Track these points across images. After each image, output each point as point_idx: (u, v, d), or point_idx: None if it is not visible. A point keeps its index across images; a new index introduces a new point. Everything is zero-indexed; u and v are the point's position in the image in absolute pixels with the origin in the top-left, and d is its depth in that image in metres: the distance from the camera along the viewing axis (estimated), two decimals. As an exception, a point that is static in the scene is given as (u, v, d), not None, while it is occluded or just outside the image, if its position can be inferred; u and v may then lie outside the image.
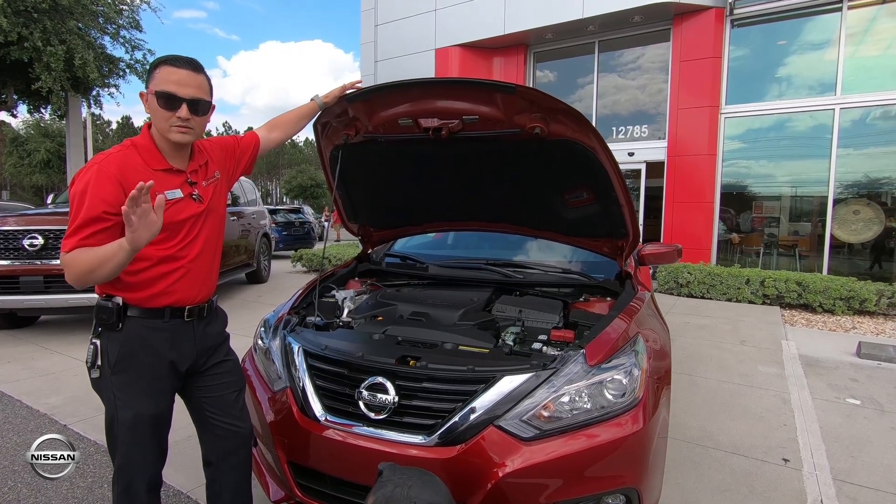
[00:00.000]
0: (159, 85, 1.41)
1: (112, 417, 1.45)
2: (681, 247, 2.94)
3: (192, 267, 1.52)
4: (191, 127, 1.46)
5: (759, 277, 6.89)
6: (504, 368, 1.63)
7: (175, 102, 1.41)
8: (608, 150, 1.91)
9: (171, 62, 1.43)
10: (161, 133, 1.46)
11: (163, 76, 1.41)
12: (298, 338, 1.95)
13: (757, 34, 8.46)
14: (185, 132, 1.45)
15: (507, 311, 2.19)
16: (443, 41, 10.50)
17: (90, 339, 1.46)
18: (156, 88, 1.41)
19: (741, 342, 4.91)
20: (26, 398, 3.33)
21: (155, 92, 1.41)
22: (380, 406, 1.62)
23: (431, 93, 1.92)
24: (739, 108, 8.46)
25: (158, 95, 1.40)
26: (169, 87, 1.40)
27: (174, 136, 1.45)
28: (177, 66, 1.42)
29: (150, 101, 1.43)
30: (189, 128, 1.45)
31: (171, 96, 1.40)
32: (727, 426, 2.99)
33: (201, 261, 1.55)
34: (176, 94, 1.41)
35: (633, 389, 1.65)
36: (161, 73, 1.42)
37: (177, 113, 1.41)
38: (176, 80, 1.41)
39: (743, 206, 8.91)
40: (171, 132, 1.44)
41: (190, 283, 1.52)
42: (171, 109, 1.41)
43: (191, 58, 1.47)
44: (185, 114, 1.42)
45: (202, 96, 1.47)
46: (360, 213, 2.71)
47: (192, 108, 1.44)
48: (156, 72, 1.43)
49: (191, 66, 1.45)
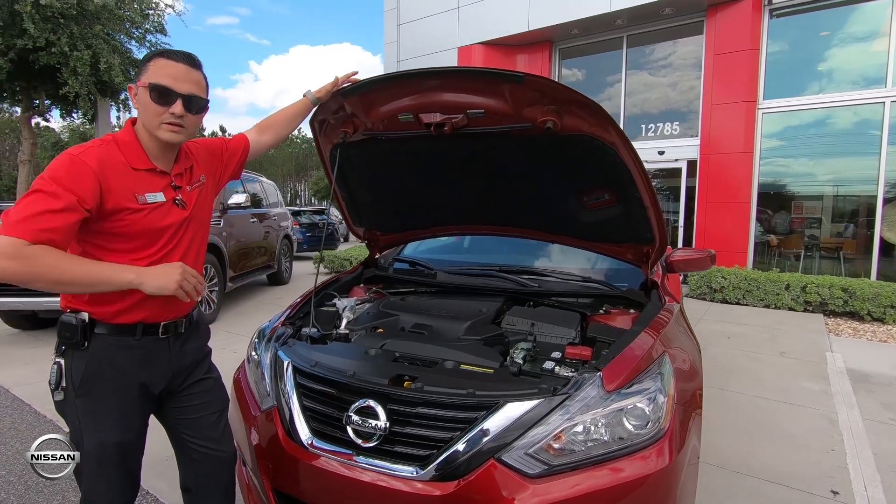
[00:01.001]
0: (153, 77, 1.28)
1: (76, 445, 1.32)
2: (714, 252, 2.68)
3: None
4: (183, 125, 1.33)
5: (800, 282, 6.47)
6: (508, 393, 1.44)
7: (169, 97, 1.28)
8: (631, 146, 1.70)
9: (168, 55, 1.31)
10: (149, 130, 1.33)
11: (157, 68, 1.29)
12: (290, 352, 1.80)
13: (797, 25, 7.98)
14: (177, 131, 1.33)
15: (517, 325, 2.00)
16: (465, 39, 10.33)
17: (54, 358, 1.34)
18: (149, 81, 1.28)
19: (780, 353, 4.56)
20: (36, 403, 3.31)
21: (148, 84, 1.28)
22: (369, 433, 1.46)
23: (431, 85, 1.75)
24: (778, 103, 7.99)
25: (152, 88, 1.27)
26: (163, 81, 1.28)
27: (164, 135, 1.31)
28: (173, 60, 1.30)
29: (141, 95, 1.30)
30: (181, 126, 1.33)
31: (166, 90, 1.28)
32: (765, 450, 2.72)
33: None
34: (171, 87, 1.28)
35: (658, 419, 1.44)
36: (155, 66, 1.29)
37: (170, 108, 1.29)
38: (172, 74, 1.29)
39: (781, 207, 8.42)
40: (162, 129, 1.31)
41: (165, 296, 1.38)
42: (165, 104, 1.29)
43: (188, 52, 1.35)
44: (180, 110, 1.30)
45: (198, 93, 1.34)
46: (365, 216, 2.56)
47: (186, 105, 1.31)
48: (149, 64, 1.31)
49: (188, 60, 1.33)
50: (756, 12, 7.81)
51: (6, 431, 2.93)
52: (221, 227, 5.99)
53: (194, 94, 1.33)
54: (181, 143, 1.40)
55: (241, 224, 6.66)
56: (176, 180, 1.41)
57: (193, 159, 1.50)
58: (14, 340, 4.91)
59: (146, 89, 1.28)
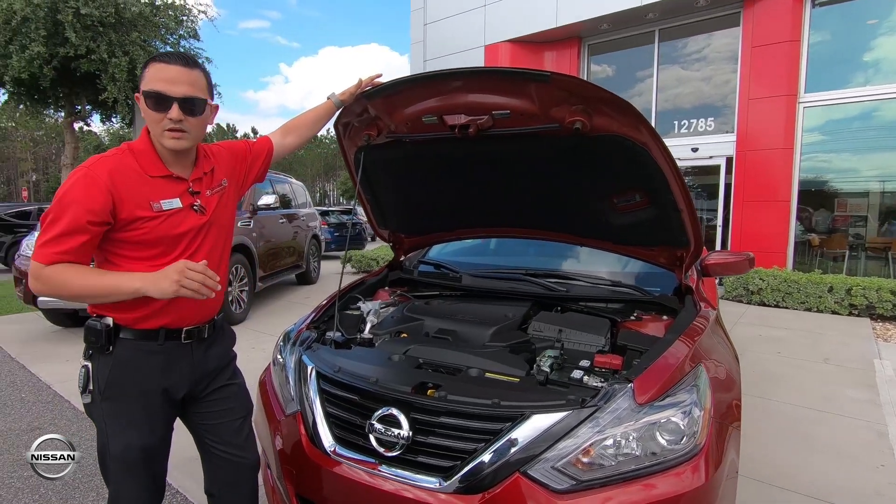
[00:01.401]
0: (148, 84, 1.26)
1: (103, 446, 1.34)
2: (752, 255, 2.55)
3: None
4: (185, 130, 1.29)
5: (844, 285, 6.16)
6: (535, 404, 1.39)
7: (165, 102, 1.25)
8: (664, 146, 1.62)
9: (161, 58, 1.29)
10: (155, 138, 1.32)
11: (152, 74, 1.26)
12: (313, 356, 1.79)
13: (842, 13, 7.59)
14: (179, 136, 1.30)
15: (544, 331, 1.94)
16: (492, 37, 10.24)
17: (81, 362, 1.36)
18: (144, 88, 1.26)
19: (824, 360, 4.35)
20: (75, 399, 3.43)
21: (144, 92, 1.26)
22: (392, 441, 1.43)
23: (455, 86, 1.71)
24: (821, 97, 7.62)
25: (146, 96, 1.26)
26: (158, 86, 1.25)
27: (168, 142, 1.30)
28: (167, 62, 1.27)
29: (141, 105, 1.29)
30: (182, 131, 1.29)
31: (161, 96, 1.25)
32: (808, 463, 2.58)
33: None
34: (165, 92, 1.25)
35: (694, 433, 1.37)
36: (150, 72, 1.27)
37: (167, 114, 1.26)
38: (166, 78, 1.25)
39: (824, 205, 8.05)
40: (164, 137, 1.29)
41: (188, 302, 1.37)
42: (162, 111, 1.26)
43: (184, 52, 1.34)
44: (177, 114, 1.26)
45: (196, 94, 1.30)
46: (390, 218, 2.54)
47: (184, 108, 1.27)
48: (145, 71, 1.29)
49: (182, 60, 1.29)
50: (797, 2, 7.47)
51: (46, 427, 3.04)
52: (252, 227, 6.10)
53: (192, 96, 1.28)
54: (187, 148, 1.35)
55: (271, 224, 6.77)
56: (194, 185, 1.40)
57: (214, 162, 1.49)
58: (57, 338, 5.11)
59: (143, 97, 1.27)
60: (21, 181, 50.12)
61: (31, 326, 5.55)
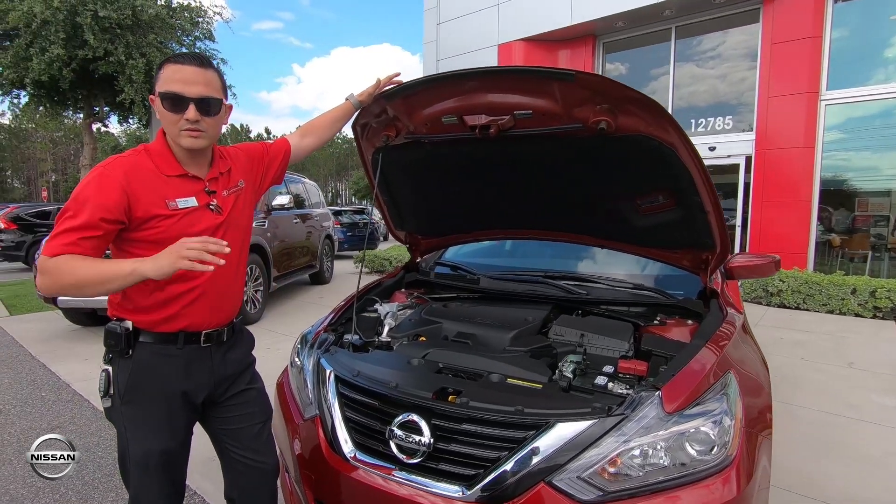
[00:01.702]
0: (164, 85, 1.27)
1: (123, 451, 1.34)
2: (779, 258, 2.48)
3: (208, 287, 1.37)
4: (202, 130, 1.30)
5: (868, 287, 6.01)
6: (559, 412, 1.36)
7: (181, 103, 1.26)
8: (692, 146, 1.57)
9: (176, 59, 1.29)
10: (172, 138, 1.33)
11: (167, 75, 1.27)
12: (332, 360, 1.77)
13: (865, 8, 7.40)
14: (197, 136, 1.30)
15: (565, 335, 1.90)
16: (505, 36, 10.17)
17: (101, 366, 1.36)
18: (160, 90, 1.27)
19: (849, 364, 4.24)
20: (94, 398, 3.46)
21: (159, 93, 1.27)
22: (413, 448, 1.41)
23: (476, 85, 1.67)
24: (844, 94, 7.44)
25: (163, 97, 1.26)
26: (174, 87, 1.26)
27: (185, 142, 1.30)
28: (182, 63, 1.27)
29: (157, 106, 1.30)
30: (200, 130, 1.30)
31: (177, 97, 1.26)
32: (837, 473, 2.50)
33: (220, 280, 1.40)
34: (181, 93, 1.26)
35: (725, 444, 1.32)
36: (165, 73, 1.28)
37: (184, 115, 1.26)
38: (181, 79, 1.26)
39: (845, 205, 7.87)
40: (181, 137, 1.30)
41: (206, 305, 1.38)
42: (178, 111, 1.27)
43: (198, 53, 1.33)
44: (194, 115, 1.27)
45: (212, 94, 1.30)
46: (407, 220, 2.51)
47: (201, 109, 1.28)
48: (161, 72, 1.29)
49: (197, 61, 1.30)
50: (819, -3, 7.31)
51: (65, 426, 3.06)
52: (266, 227, 6.13)
53: (208, 96, 1.29)
54: (204, 147, 1.36)
55: (285, 225, 6.80)
56: (210, 185, 1.39)
57: (231, 163, 1.48)
58: (76, 336, 5.18)
59: (159, 99, 1.27)
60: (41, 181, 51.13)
61: (51, 325, 5.63)
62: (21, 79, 8.14)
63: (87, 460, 2.63)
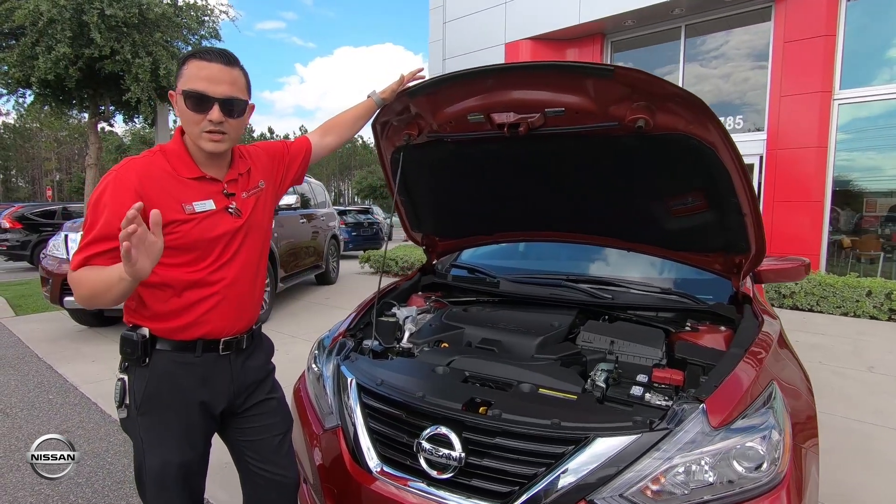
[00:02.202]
0: (187, 83, 1.20)
1: (139, 463, 1.28)
2: (808, 261, 2.41)
3: (228, 293, 1.31)
4: (224, 132, 1.24)
5: (884, 289, 5.92)
6: (600, 426, 1.28)
7: (206, 103, 1.19)
8: (733, 145, 1.50)
9: (200, 55, 1.21)
10: (192, 139, 1.26)
11: (191, 72, 1.20)
12: (353, 368, 1.71)
13: (880, 6, 7.30)
14: (218, 139, 1.24)
15: (594, 342, 1.83)
16: (512, 35, 10.09)
17: (117, 375, 1.29)
18: (183, 87, 1.20)
19: (868, 368, 4.15)
20: (102, 401, 3.40)
21: (183, 91, 1.20)
22: (444, 463, 1.34)
23: (506, 82, 1.60)
24: (858, 93, 7.34)
25: (186, 95, 1.19)
26: (198, 86, 1.19)
27: (206, 145, 1.24)
28: (207, 60, 1.20)
29: (178, 104, 1.23)
30: (222, 133, 1.24)
31: (201, 96, 1.19)
32: (867, 482, 2.42)
33: (239, 285, 1.34)
34: (206, 93, 1.19)
35: (775, 460, 1.25)
36: (189, 69, 1.20)
37: (207, 115, 1.20)
38: (206, 77, 1.19)
39: (858, 205, 7.77)
40: (202, 139, 1.23)
41: (226, 311, 1.31)
42: (202, 112, 1.20)
43: (223, 49, 1.25)
44: (218, 116, 1.20)
45: (237, 94, 1.24)
46: (425, 220, 2.45)
47: (225, 110, 1.21)
48: (184, 68, 1.22)
49: (223, 58, 1.22)
50: (832, -5, 7.21)
51: (74, 430, 3.01)
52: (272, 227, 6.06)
53: (233, 97, 1.22)
54: (225, 151, 1.30)
55: (291, 224, 6.74)
56: (229, 187, 1.33)
57: (251, 163, 1.42)
58: (83, 337, 5.13)
59: (181, 97, 1.20)
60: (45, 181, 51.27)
61: (58, 326, 5.59)
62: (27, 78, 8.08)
63: (96, 467, 2.57)
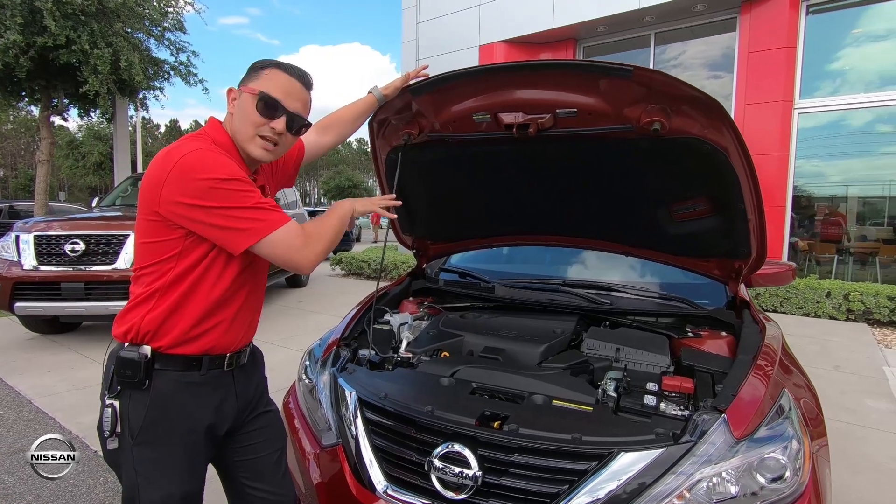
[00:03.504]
0: (265, 86, 1.15)
1: (131, 499, 1.13)
2: (795, 265, 2.46)
3: (247, 304, 1.24)
4: (278, 143, 1.20)
5: (842, 290, 6.19)
6: (623, 440, 1.24)
7: (276, 111, 1.16)
8: (746, 150, 1.49)
9: (285, 68, 1.20)
10: (240, 140, 1.18)
11: (272, 78, 1.16)
12: (351, 380, 1.61)
13: (837, 21, 7.67)
14: (270, 149, 1.20)
15: (600, 349, 1.79)
16: (487, 37, 10.09)
17: (103, 399, 1.14)
18: (260, 88, 1.14)
19: (835, 367, 4.31)
20: (60, 416, 3.16)
21: (259, 92, 1.14)
22: (458, 483, 1.26)
23: (517, 81, 1.54)
24: (816, 103, 7.68)
25: (261, 97, 1.14)
26: (276, 93, 1.16)
27: (255, 150, 1.18)
28: (290, 74, 1.19)
29: (244, 101, 1.16)
30: (276, 144, 1.19)
31: (275, 103, 1.15)
32: (850, 482, 2.48)
33: (256, 296, 1.28)
34: (281, 102, 1.15)
35: (797, 471, 1.23)
36: (270, 75, 1.17)
37: (272, 122, 1.15)
38: (285, 88, 1.18)
39: (816, 210, 8.14)
40: (254, 143, 1.17)
41: (240, 323, 1.23)
42: (269, 117, 1.16)
43: (305, 70, 1.23)
44: (282, 127, 1.17)
45: (303, 113, 1.22)
46: (419, 224, 2.36)
47: (289, 123, 1.18)
48: (263, 71, 1.17)
49: (304, 79, 1.22)
50: (793, 9, 7.50)
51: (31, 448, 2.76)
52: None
53: (300, 115, 1.22)
54: (269, 161, 1.26)
55: (263, 226, 6.49)
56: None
57: (264, 173, 1.36)
58: (35, 346, 4.78)
59: (254, 96, 1.14)
60: (-13, 177, 48.13)
61: (6, 334, 5.18)
62: (-30, 66, 7.52)
63: (57, 490, 2.36)
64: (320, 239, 1.17)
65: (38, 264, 4.45)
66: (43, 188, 9.32)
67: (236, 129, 1.19)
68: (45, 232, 4.54)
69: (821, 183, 8.15)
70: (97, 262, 4.49)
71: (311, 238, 1.15)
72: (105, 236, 4.55)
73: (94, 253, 4.49)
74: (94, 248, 4.50)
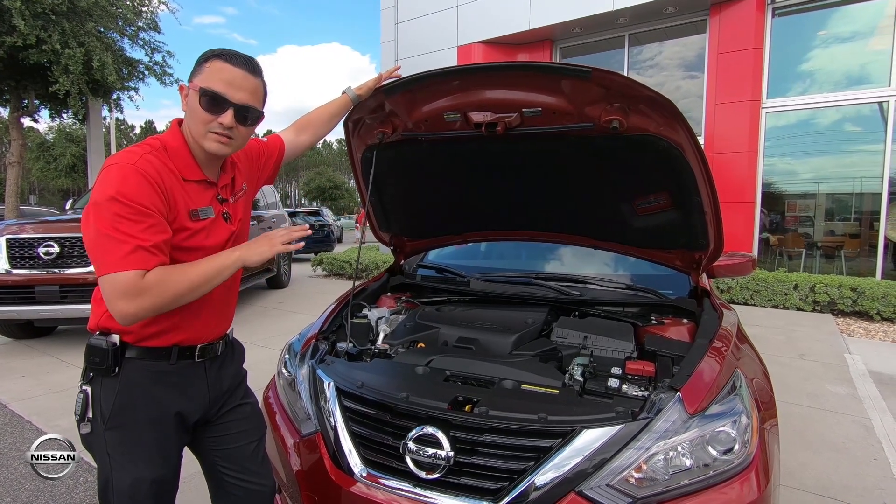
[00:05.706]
0: (206, 81, 1.14)
1: (105, 482, 1.18)
2: (755, 256, 2.59)
3: (213, 299, 1.25)
4: (231, 137, 1.18)
5: (808, 282, 6.43)
6: (585, 418, 1.32)
7: (221, 105, 1.14)
8: (699, 148, 1.59)
9: (226, 57, 1.16)
10: (194, 137, 1.19)
11: (212, 71, 1.14)
12: (329, 371, 1.66)
13: (800, 23, 7.96)
14: (224, 143, 1.18)
15: (568, 337, 1.88)
16: (465, 38, 10.19)
17: (80, 386, 1.19)
18: (201, 84, 1.13)
19: (800, 356, 4.50)
20: (37, 419, 3.13)
21: (200, 89, 1.13)
22: (432, 463, 1.33)
23: (485, 81, 1.62)
24: (782, 102, 7.97)
25: (203, 93, 1.13)
26: (217, 87, 1.13)
27: (209, 145, 1.17)
28: (232, 63, 1.15)
29: (191, 98, 1.16)
30: (230, 138, 1.18)
31: (218, 97, 1.13)
32: (808, 461, 2.63)
33: (224, 291, 1.29)
34: (224, 95, 1.14)
35: (745, 443, 1.33)
36: (211, 68, 1.15)
37: (219, 118, 1.15)
38: (227, 80, 1.14)
39: (784, 206, 8.43)
40: (207, 139, 1.17)
41: (208, 318, 1.26)
42: (214, 113, 1.15)
43: (249, 56, 1.20)
44: (229, 121, 1.15)
45: (253, 104, 1.19)
46: (394, 221, 2.42)
47: (239, 116, 1.17)
48: (205, 65, 1.16)
49: (248, 65, 1.18)
50: (760, 11, 7.76)
51: (6, 452, 2.75)
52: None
53: (249, 105, 1.18)
54: (228, 155, 1.26)
55: (242, 227, 6.47)
56: (222, 192, 1.28)
57: (236, 167, 1.37)
58: (8, 351, 4.70)
59: (196, 93, 1.14)
60: (-47, 180, 46.49)
61: (-23, 339, 5.08)
62: (-65, 66, 7.31)
63: (36, 491, 2.36)
64: (160, 294, 1.05)
65: (11, 268, 4.38)
66: (14, 191, 9.09)
67: (190, 127, 1.19)
68: (17, 235, 4.47)
69: (792, 180, 8.44)
70: (72, 264, 4.44)
71: (149, 291, 1.03)
72: (80, 239, 4.50)
73: (69, 255, 4.44)
74: (69, 250, 4.45)
